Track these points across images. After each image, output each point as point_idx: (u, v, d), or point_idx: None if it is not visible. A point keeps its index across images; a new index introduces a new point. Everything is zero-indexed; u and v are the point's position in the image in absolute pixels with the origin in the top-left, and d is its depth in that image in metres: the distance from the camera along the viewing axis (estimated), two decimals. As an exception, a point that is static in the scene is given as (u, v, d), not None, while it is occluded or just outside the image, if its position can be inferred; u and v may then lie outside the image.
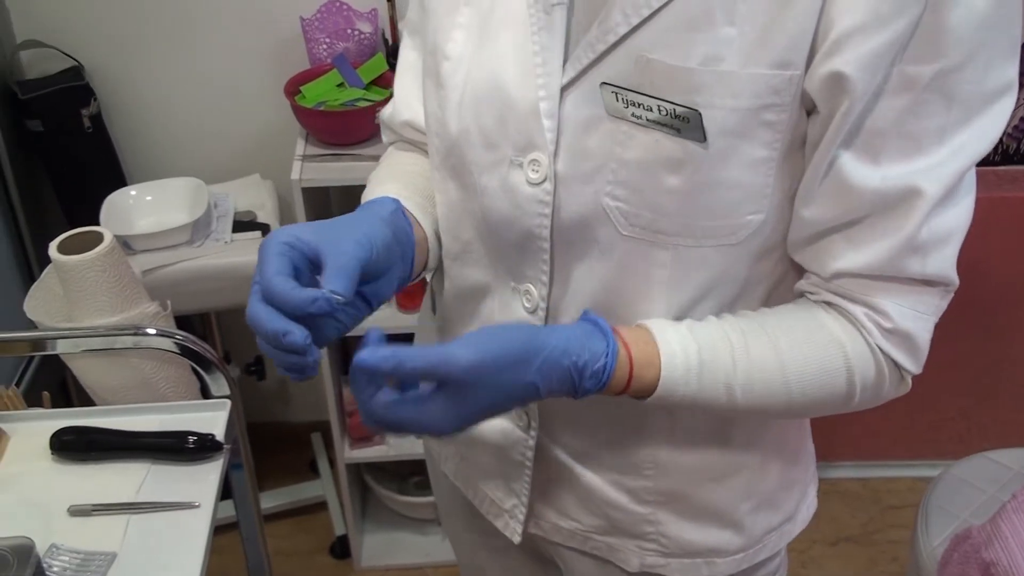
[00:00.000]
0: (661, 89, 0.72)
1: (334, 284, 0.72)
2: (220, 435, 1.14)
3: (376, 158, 1.08)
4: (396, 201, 0.85)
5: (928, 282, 0.76)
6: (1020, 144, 2.09)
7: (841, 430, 2.37)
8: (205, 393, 1.29)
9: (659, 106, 0.72)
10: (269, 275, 0.72)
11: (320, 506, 2.29)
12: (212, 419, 1.18)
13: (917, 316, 0.77)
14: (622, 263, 0.80)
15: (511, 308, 0.87)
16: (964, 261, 0.77)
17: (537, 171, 0.79)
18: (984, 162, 2.08)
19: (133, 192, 1.85)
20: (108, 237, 1.25)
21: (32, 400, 1.38)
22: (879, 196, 0.73)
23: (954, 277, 0.77)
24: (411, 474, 2.26)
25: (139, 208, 1.84)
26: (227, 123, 2.03)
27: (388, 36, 1.88)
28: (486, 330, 0.76)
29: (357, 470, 2.23)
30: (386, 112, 1.01)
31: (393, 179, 0.94)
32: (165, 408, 1.24)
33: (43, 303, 1.34)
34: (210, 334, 2.04)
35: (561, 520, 0.98)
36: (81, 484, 1.10)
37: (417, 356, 0.72)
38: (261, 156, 2.04)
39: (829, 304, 0.80)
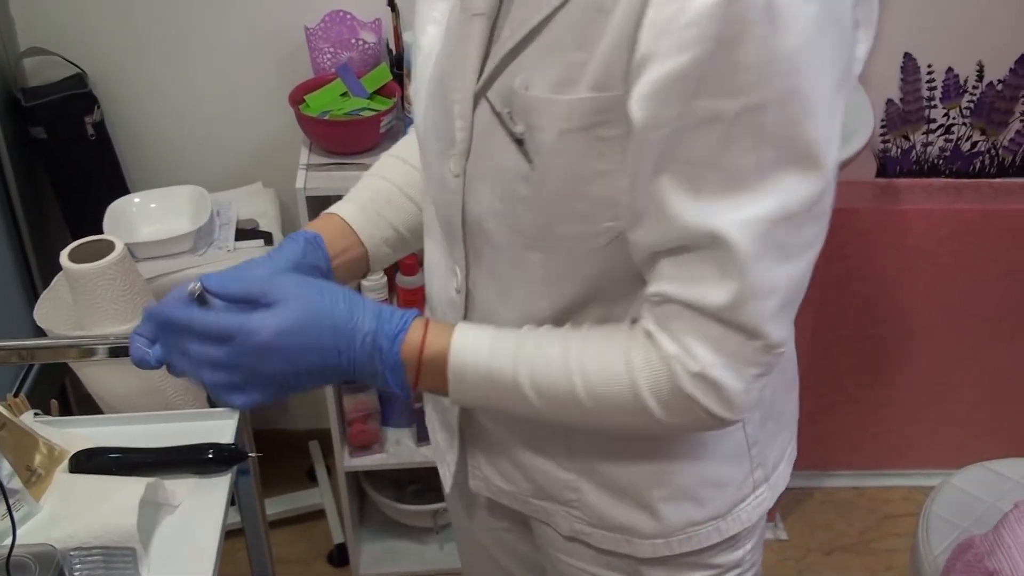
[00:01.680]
0: (511, 107, 0.78)
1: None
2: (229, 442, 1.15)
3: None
4: (308, 238, 0.95)
5: (743, 330, 0.76)
6: (1016, 156, 2.12)
7: (837, 440, 2.38)
8: (211, 400, 1.30)
9: (512, 124, 0.79)
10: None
11: (318, 514, 2.29)
12: (221, 427, 1.18)
13: (728, 366, 0.77)
14: (509, 260, 0.86)
15: (448, 285, 0.94)
16: (961, 274, 0.77)
17: (455, 167, 0.85)
18: (980, 174, 2.13)
19: (136, 200, 1.85)
20: (119, 246, 1.26)
21: (36, 408, 1.38)
22: (689, 232, 0.73)
23: (770, 332, 0.76)
24: (409, 482, 2.26)
25: (142, 216, 1.84)
26: (230, 131, 2.03)
27: (392, 46, 1.88)
28: (293, 296, 0.82)
29: (355, 478, 2.23)
30: None
31: (355, 194, 1.03)
32: (175, 416, 1.24)
33: (53, 311, 1.35)
34: (211, 342, 2.04)
35: (502, 482, 1.02)
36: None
37: (210, 321, 0.82)
38: (263, 165, 2.04)
39: (649, 333, 0.80)
